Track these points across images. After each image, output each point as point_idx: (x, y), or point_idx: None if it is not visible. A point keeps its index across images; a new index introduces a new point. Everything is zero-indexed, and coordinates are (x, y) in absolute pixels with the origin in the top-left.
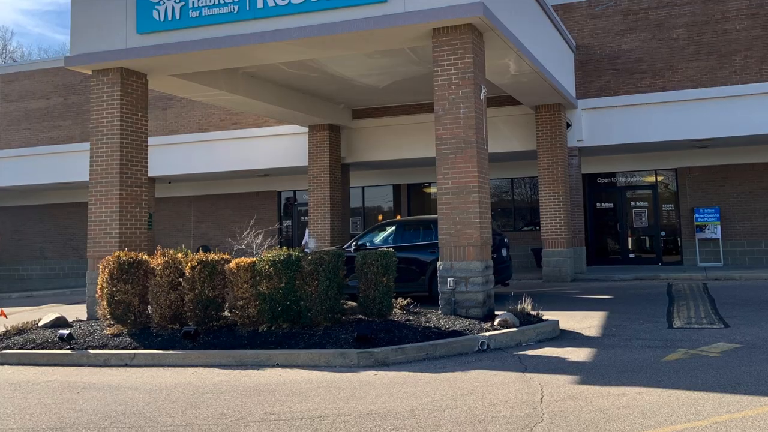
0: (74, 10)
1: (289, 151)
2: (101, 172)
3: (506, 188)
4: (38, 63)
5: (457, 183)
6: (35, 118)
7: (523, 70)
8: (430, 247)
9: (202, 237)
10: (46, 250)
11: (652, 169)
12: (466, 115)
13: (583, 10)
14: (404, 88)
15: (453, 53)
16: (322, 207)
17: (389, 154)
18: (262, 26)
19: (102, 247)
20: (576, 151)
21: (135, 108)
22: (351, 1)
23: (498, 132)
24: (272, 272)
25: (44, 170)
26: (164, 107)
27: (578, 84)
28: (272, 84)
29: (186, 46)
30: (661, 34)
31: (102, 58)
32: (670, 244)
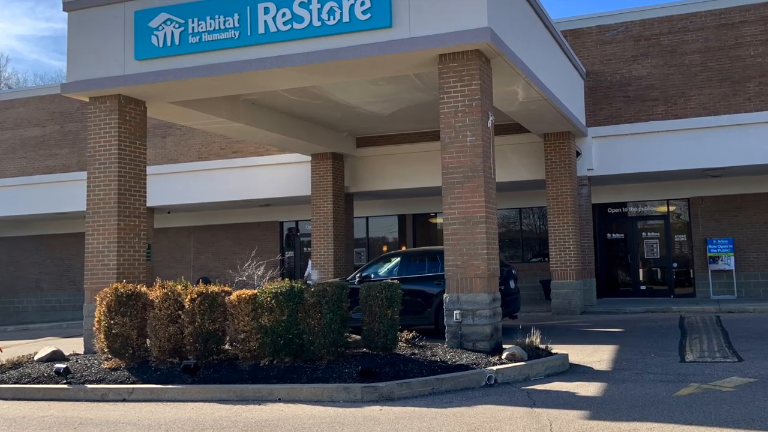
0: (71, 36)
1: (292, 180)
2: (98, 202)
3: (514, 218)
4: (34, 90)
5: (464, 213)
6: (31, 146)
7: (532, 97)
8: (436, 278)
9: (202, 268)
10: (42, 282)
11: (664, 199)
12: (473, 144)
13: (593, 35)
14: (409, 116)
15: (460, 80)
16: (325, 238)
17: (394, 183)
18: (264, 52)
19: (99, 278)
20: (586, 180)
21: (133, 136)
22: (355, 27)
23: (506, 161)
24: (274, 305)
25: (40, 200)
26: (163, 135)
27: (588, 111)
28: (274, 111)
29: (186, 73)
30: (673, 60)
31: (99, 85)
32: (683, 275)
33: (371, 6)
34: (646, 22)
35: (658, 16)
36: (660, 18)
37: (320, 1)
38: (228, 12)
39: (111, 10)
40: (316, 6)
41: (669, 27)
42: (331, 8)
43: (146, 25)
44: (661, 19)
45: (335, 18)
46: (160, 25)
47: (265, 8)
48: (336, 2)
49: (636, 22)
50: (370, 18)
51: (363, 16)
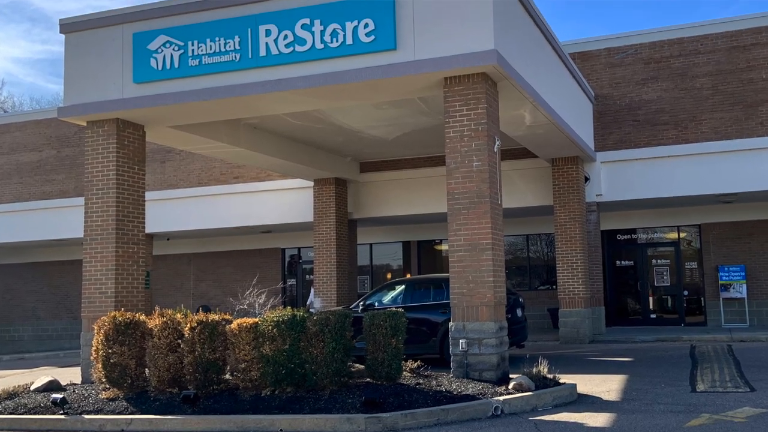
0: (68, 59)
1: (294, 206)
2: (96, 229)
3: (521, 245)
4: (30, 114)
5: (470, 240)
6: (27, 171)
7: (539, 121)
8: (441, 307)
9: (202, 296)
10: (39, 310)
11: (675, 225)
12: (479, 169)
13: (602, 58)
14: (414, 140)
15: (465, 103)
16: (327, 265)
17: (398, 209)
18: (265, 75)
19: (97, 307)
20: (594, 206)
21: (132, 161)
22: (358, 49)
23: (513, 186)
24: (276, 333)
25: (36, 226)
26: (162, 160)
27: (597, 136)
28: (276, 136)
29: (185, 96)
30: (683, 83)
31: (97, 109)
32: (694, 303)
33: (375, 28)
34: (656, 44)
35: (669, 39)
36: (670, 40)
37: (323, 23)
38: (229, 34)
39: (109, 33)
40: (319, 28)
41: (679, 49)
42: (334, 30)
43: (145, 47)
44: (672, 42)
45: (338, 40)
46: (159, 48)
47: (267, 30)
48: (339, 24)
49: (646, 45)
50: (374, 40)
51: (367, 38)
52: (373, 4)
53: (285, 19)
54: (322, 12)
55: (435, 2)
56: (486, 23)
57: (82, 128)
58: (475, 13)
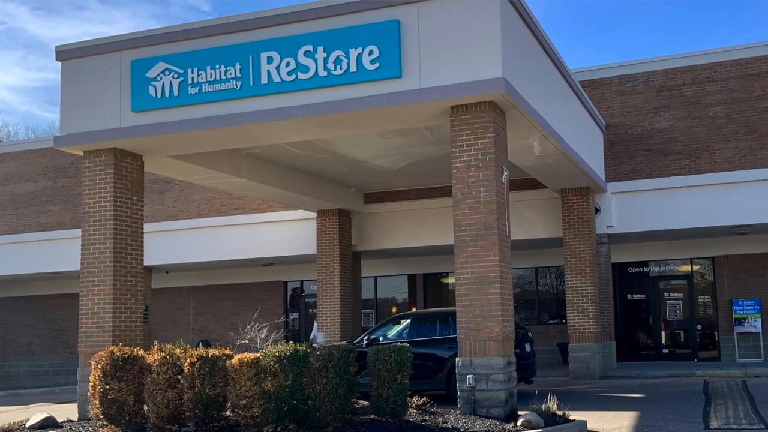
0: (64, 87)
1: (296, 238)
2: (93, 261)
3: (530, 278)
4: (25, 143)
5: (477, 273)
6: (22, 202)
7: (549, 151)
8: (447, 341)
9: (202, 331)
10: (35, 345)
11: (688, 258)
12: (487, 200)
13: (613, 86)
14: (420, 171)
15: (473, 132)
16: (331, 298)
17: (404, 241)
18: (267, 104)
19: (94, 341)
20: (605, 238)
21: (130, 192)
22: (363, 77)
23: (521, 217)
24: (278, 369)
25: (32, 259)
26: (161, 191)
27: (608, 166)
28: (277, 166)
29: (185, 125)
30: (696, 112)
31: (94, 138)
32: (707, 338)
33: (380, 55)
34: (669, 72)
35: (681, 66)
36: (683, 68)
37: (326, 50)
38: (229, 61)
39: (106, 60)
40: (322, 55)
41: (692, 77)
42: (337, 57)
43: (143, 75)
44: (684, 69)
45: (342, 68)
46: (158, 75)
47: (269, 57)
48: (343, 51)
49: (658, 72)
50: (378, 68)
51: (371, 65)
52: (377, 31)
53: (287, 46)
54: (326, 39)
55: (441, 28)
56: (494, 50)
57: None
58: (483, 40)
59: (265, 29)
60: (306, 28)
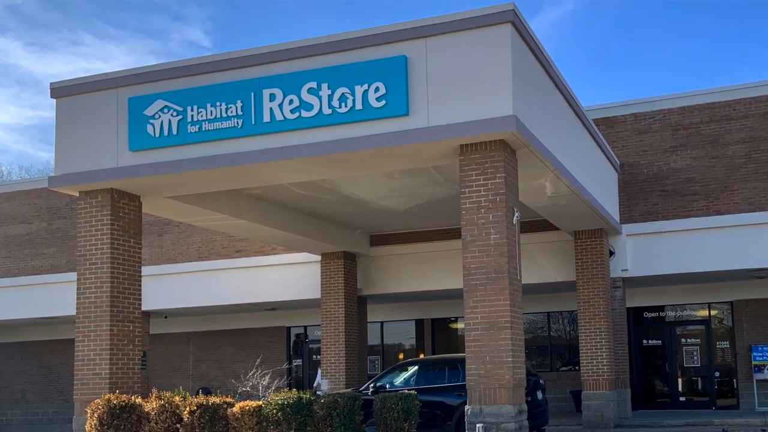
0: (59, 125)
1: (300, 282)
2: (89, 306)
3: (542, 323)
4: (19, 183)
5: (487, 318)
6: (16, 245)
7: (561, 192)
8: (456, 389)
9: (202, 378)
10: (28, 393)
11: (705, 302)
12: (497, 242)
13: (628, 124)
14: (428, 212)
15: (482, 172)
16: (336, 344)
17: (411, 285)
18: (270, 142)
19: (90, 389)
20: (620, 281)
21: (127, 234)
22: (369, 115)
23: (533, 260)
24: (280, 417)
25: (26, 303)
26: (160, 233)
27: (622, 207)
28: (280, 207)
29: (184, 165)
30: (714, 151)
31: (90, 178)
32: (725, 385)
33: (386, 92)
34: (686, 109)
35: (698, 104)
36: (700, 105)
37: (331, 87)
38: (230, 99)
39: (103, 97)
40: (327, 92)
41: (710, 115)
42: (342, 95)
43: (141, 113)
44: (702, 107)
45: (347, 105)
46: (157, 113)
47: (271, 95)
48: (348, 88)
49: (674, 110)
50: (385, 105)
51: (377, 103)
52: (384, 67)
53: (290, 83)
54: (330, 75)
55: (450, 64)
56: (504, 87)
57: (74, 199)
58: (493, 76)
59: (267, 65)
60: (310, 64)
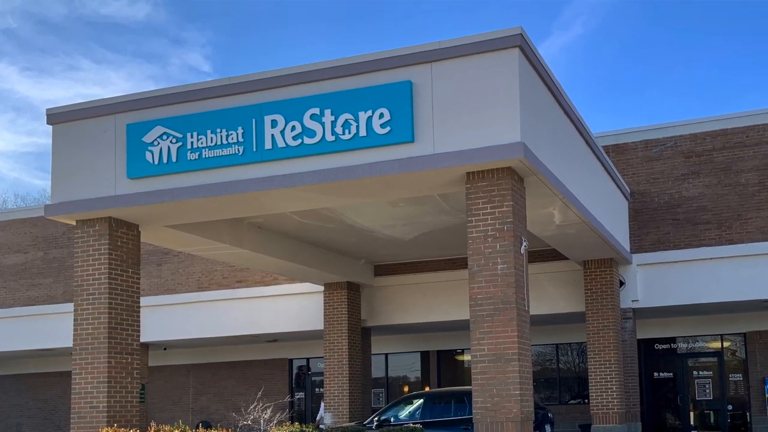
0: (55, 152)
1: (302, 313)
2: (86, 337)
3: (550, 355)
4: (14, 212)
5: (494, 349)
6: (11, 275)
7: (570, 220)
8: (463, 422)
9: (202, 411)
10: (24, 427)
11: (717, 334)
12: (505, 272)
13: (639, 151)
14: (433, 241)
15: (489, 201)
16: (339, 377)
17: (416, 316)
18: (271, 170)
19: (87, 422)
20: (630, 312)
21: (125, 263)
22: (373, 142)
23: (541, 291)
24: None
25: (21, 335)
26: (159, 263)
27: (633, 236)
28: (282, 236)
29: (184, 193)
30: (727, 179)
31: (87, 207)
32: (738, 419)
33: (391, 118)
34: (698, 136)
35: (711, 130)
36: (713, 132)
37: (334, 114)
38: (231, 125)
39: (100, 123)
40: (330, 119)
41: (723, 142)
42: (346, 121)
43: (140, 139)
44: (715, 133)
45: (350, 132)
46: (156, 140)
47: (273, 121)
48: (352, 114)
49: (686, 137)
50: (389, 132)
51: (382, 129)
52: (388, 93)
53: (292, 109)
54: (333, 101)
55: (456, 89)
56: (512, 113)
57: (71, 228)
58: (500, 102)
59: (268, 91)
60: (312, 89)
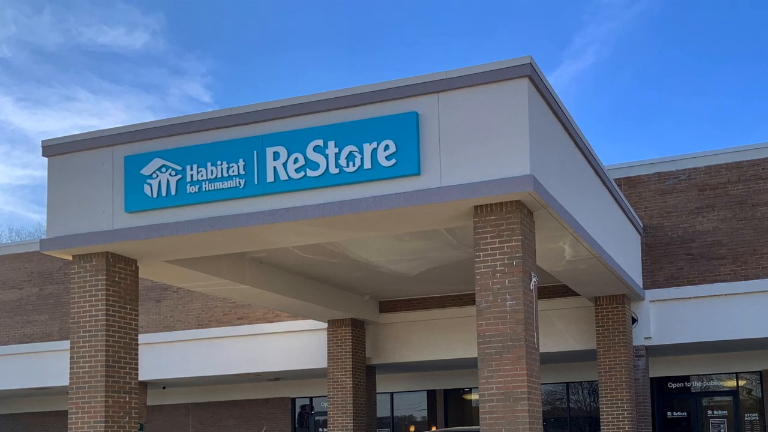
0: (51, 185)
1: (305, 350)
2: (83, 376)
3: (561, 394)
4: (9, 247)
5: (503, 388)
6: (5, 311)
7: (581, 255)
8: None
9: None
10: None
11: (733, 372)
12: (514, 309)
13: (652, 184)
14: (440, 276)
15: (498, 235)
16: (343, 417)
17: (422, 354)
18: (273, 203)
19: None
20: (643, 350)
21: (123, 299)
22: (378, 174)
23: (551, 328)
24: None
25: (16, 373)
26: (158, 299)
27: (646, 271)
28: (284, 272)
29: (184, 227)
30: (743, 212)
31: (84, 241)
32: None
33: (396, 150)
34: (712, 169)
35: (726, 162)
36: (728, 164)
37: (338, 145)
38: (232, 158)
39: (97, 155)
40: (333, 151)
41: (738, 174)
42: (350, 153)
43: (138, 172)
44: (730, 166)
45: (355, 164)
46: (154, 173)
47: (275, 153)
48: (356, 146)
49: (700, 169)
50: (395, 164)
51: (387, 162)
52: (394, 124)
53: (295, 141)
54: (337, 132)
55: (463, 120)
56: (521, 145)
57: (67, 263)
58: (509, 134)
59: (270, 122)
60: (315, 121)
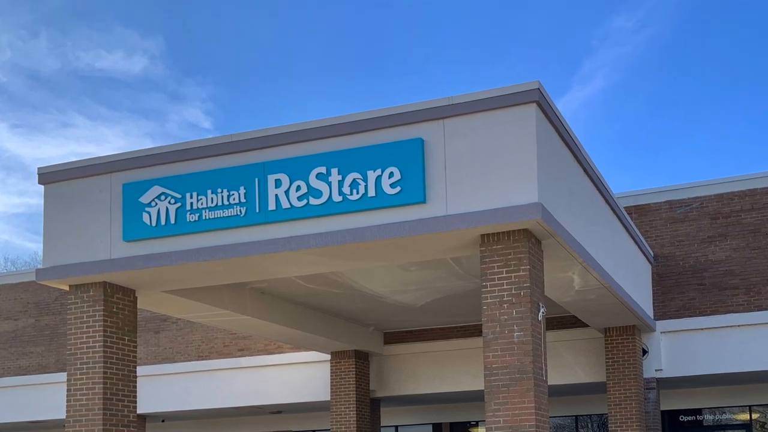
0: (47, 213)
1: (308, 383)
2: (80, 409)
3: (570, 428)
4: (4, 276)
5: (511, 422)
6: (1, 343)
7: (590, 285)
8: None
9: None
10: None
11: (746, 405)
12: (521, 340)
13: (662, 212)
14: (446, 307)
15: (505, 264)
16: None
17: (428, 386)
18: (275, 232)
19: None
20: (654, 382)
21: (121, 331)
22: (382, 202)
23: (560, 360)
24: None
25: (12, 406)
26: (157, 330)
27: (656, 302)
28: (286, 302)
29: (183, 257)
30: (756, 241)
31: (81, 271)
32: None
33: (401, 178)
34: (724, 197)
35: (738, 190)
36: (741, 192)
37: (341, 173)
38: (233, 185)
39: (95, 183)
40: (337, 178)
41: (751, 202)
42: (354, 181)
43: (137, 200)
44: (742, 194)
45: (359, 192)
46: (153, 201)
47: (276, 181)
48: (360, 174)
49: (712, 197)
50: (399, 192)
51: (392, 189)
52: (399, 151)
53: (297, 168)
54: (341, 160)
55: (470, 147)
56: (529, 172)
57: (64, 293)
58: (517, 161)
59: (272, 149)
60: (318, 147)
